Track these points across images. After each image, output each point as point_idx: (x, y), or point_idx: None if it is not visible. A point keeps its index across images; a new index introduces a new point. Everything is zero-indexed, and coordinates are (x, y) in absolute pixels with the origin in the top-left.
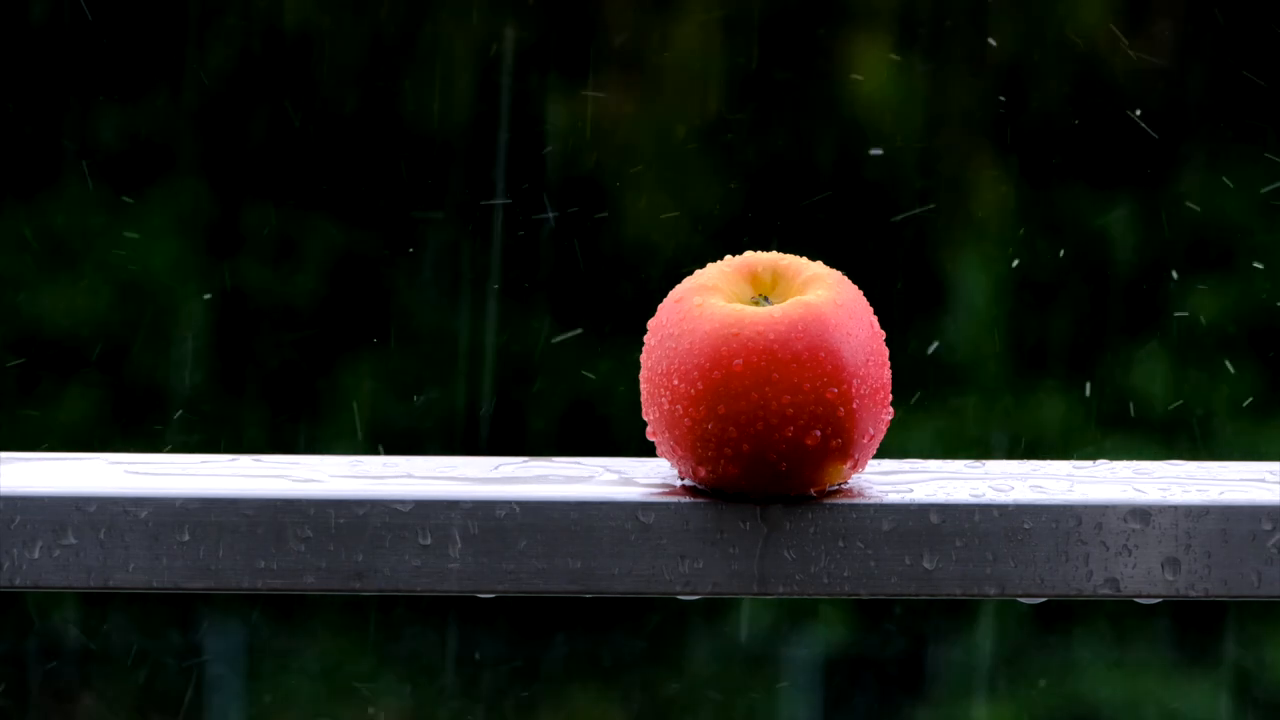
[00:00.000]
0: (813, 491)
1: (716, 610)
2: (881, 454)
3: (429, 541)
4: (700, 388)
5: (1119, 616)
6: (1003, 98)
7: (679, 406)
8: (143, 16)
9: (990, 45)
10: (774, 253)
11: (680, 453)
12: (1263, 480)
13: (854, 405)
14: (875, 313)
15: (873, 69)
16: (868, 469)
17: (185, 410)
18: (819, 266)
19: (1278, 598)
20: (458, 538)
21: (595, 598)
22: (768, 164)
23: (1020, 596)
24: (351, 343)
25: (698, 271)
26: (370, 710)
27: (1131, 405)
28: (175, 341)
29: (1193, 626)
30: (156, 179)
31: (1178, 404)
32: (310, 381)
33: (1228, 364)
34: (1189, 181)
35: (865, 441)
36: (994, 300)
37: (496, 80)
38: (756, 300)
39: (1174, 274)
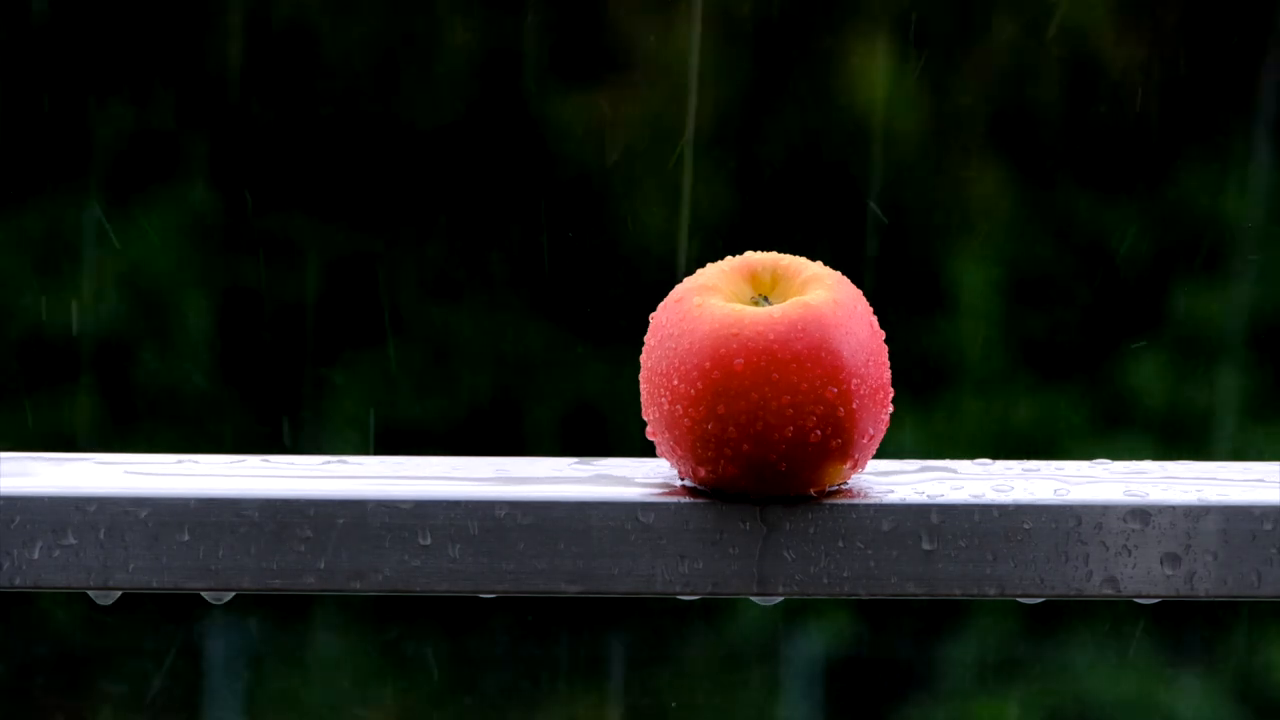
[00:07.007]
0: (813, 491)
1: (716, 610)
2: (882, 454)
3: (429, 541)
4: (700, 388)
5: (1119, 616)
6: (1003, 97)
7: (679, 406)
8: (145, 14)
9: (990, 45)
10: (774, 253)
11: (680, 453)
12: (1263, 480)
13: (854, 405)
14: (875, 313)
15: (873, 69)
16: (868, 469)
17: (186, 410)
18: (819, 266)
19: (1278, 598)
20: (458, 538)
21: (595, 598)
22: (768, 164)
23: (1020, 596)
24: (352, 343)
25: (698, 271)
26: (370, 710)
27: (1131, 405)
28: (176, 341)
29: (1193, 627)
30: (159, 178)
31: (1178, 404)
32: (311, 381)
33: (1227, 364)
34: (1189, 181)
35: (865, 441)
36: (994, 300)
37: (496, 80)
38: (756, 300)
39: (1174, 274)
